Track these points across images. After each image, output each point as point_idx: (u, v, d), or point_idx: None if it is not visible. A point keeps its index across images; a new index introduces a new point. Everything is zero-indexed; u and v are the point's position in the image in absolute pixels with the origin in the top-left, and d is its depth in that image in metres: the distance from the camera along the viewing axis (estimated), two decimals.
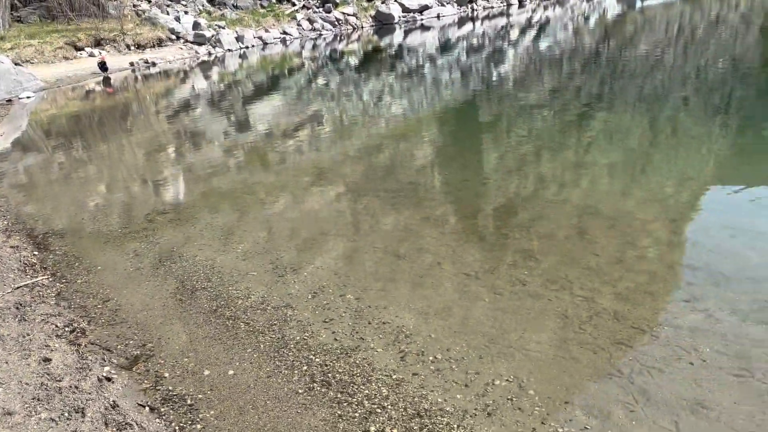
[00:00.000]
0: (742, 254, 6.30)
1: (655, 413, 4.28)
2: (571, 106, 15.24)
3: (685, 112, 14.28)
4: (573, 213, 7.77)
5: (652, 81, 18.26)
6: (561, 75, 19.90)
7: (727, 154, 10.63)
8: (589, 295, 5.76)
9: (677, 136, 12.08)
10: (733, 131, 12.33)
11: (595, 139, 12.01)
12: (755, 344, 4.92)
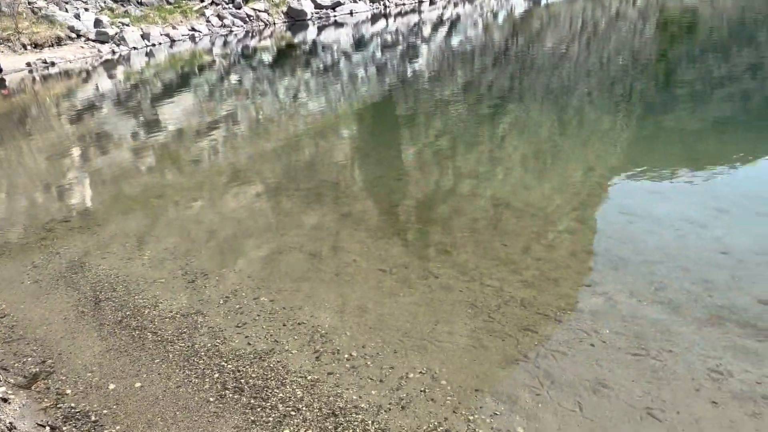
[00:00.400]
0: (639, 239, 6.68)
1: (560, 395, 4.47)
2: (484, 100, 15.66)
3: (589, 104, 14.97)
4: (485, 206, 7.98)
5: (559, 75, 19.03)
6: (473, 70, 20.39)
7: (630, 144, 11.24)
8: (498, 284, 5.94)
9: (583, 128, 12.66)
10: (635, 122, 13.05)
11: (508, 132, 12.39)
12: (651, 324, 5.23)
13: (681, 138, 11.09)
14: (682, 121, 12.50)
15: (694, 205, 7.46)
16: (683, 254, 6.27)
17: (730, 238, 6.51)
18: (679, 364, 4.71)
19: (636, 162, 9.98)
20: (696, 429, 4.09)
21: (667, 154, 10.11)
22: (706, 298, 5.51)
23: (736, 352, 4.81)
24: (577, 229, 7.18)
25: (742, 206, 7.30)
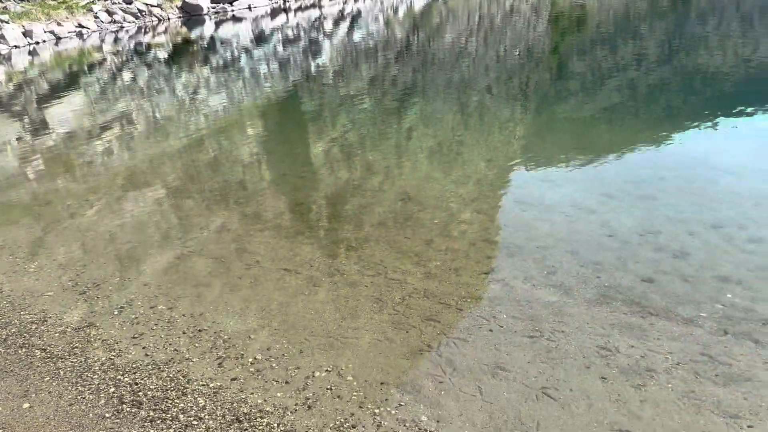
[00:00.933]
0: (532, 226, 6.99)
1: (461, 381, 4.60)
2: (389, 95, 15.82)
3: (489, 97, 15.48)
4: (390, 200, 8.08)
5: (460, 69, 19.53)
6: (377, 65, 20.54)
7: (527, 135, 11.73)
8: (402, 277, 6.03)
9: (484, 120, 13.08)
10: (531, 113, 13.63)
11: (414, 126, 12.59)
12: (544, 306, 5.48)
13: (573, 127, 11.70)
14: (575, 111, 13.20)
15: (583, 191, 7.90)
16: (573, 238, 6.62)
17: (615, 222, 6.95)
18: (571, 343, 4.98)
19: (532, 152, 10.43)
20: (587, 404, 4.33)
21: (560, 143, 10.63)
22: (595, 279, 5.85)
23: (623, 328, 5.14)
24: (477, 219, 7.41)
25: (627, 191, 7.81)
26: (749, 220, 6.74)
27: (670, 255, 6.18)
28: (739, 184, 7.76)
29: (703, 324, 5.11)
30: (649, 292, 5.60)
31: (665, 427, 4.06)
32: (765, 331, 4.96)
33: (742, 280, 5.66)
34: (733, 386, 4.40)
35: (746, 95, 13.74)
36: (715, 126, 10.74)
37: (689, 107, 13.16)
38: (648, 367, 4.65)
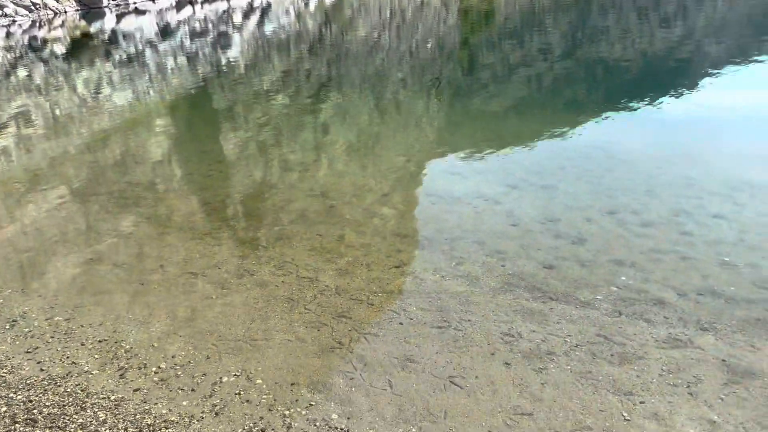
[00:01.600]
0: (441, 218, 7.14)
1: (371, 376, 4.64)
2: (304, 89, 15.67)
3: (404, 90, 15.64)
4: (302, 197, 8.01)
5: (374, 63, 19.62)
6: (290, 59, 20.29)
7: (440, 128, 11.94)
8: (313, 275, 6.00)
9: (400, 113, 13.21)
10: (445, 106, 13.89)
11: (330, 120, 12.54)
12: (452, 297, 5.61)
13: (484, 119, 12.03)
14: (486, 104, 13.55)
15: (489, 183, 8.14)
16: (479, 229, 6.81)
17: (519, 211, 7.20)
18: (477, 331, 5.12)
19: (445, 144, 10.63)
20: (491, 390, 4.47)
21: (472, 135, 10.89)
22: (500, 268, 6.05)
23: (525, 314, 5.34)
24: (389, 214, 7.48)
25: (530, 181, 8.11)
26: (641, 206, 7.16)
27: (569, 241, 6.48)
28: (633, 172, 8.23)
29: (600, 306, 5.39)
30: (550, 278, 5.85)
31: (564, 408, 4.26)
32: (656, 311, 5.28)
33: (635, 263, 6.01)
34: (626, 365, 4.66)
35: (642, 86, 14.57)
36: (614, 116, 11.33)
37: (591, 98, 13.81)
38: (548, 351, 4.86)
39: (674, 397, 4.29)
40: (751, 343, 4.79)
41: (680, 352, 4.75)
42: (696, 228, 6.55)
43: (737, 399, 4.24)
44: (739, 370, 4.51)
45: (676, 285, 5.60)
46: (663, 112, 11.41)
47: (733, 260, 5.89)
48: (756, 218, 6.66)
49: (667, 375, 4.51)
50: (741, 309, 5.20)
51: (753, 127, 10.06)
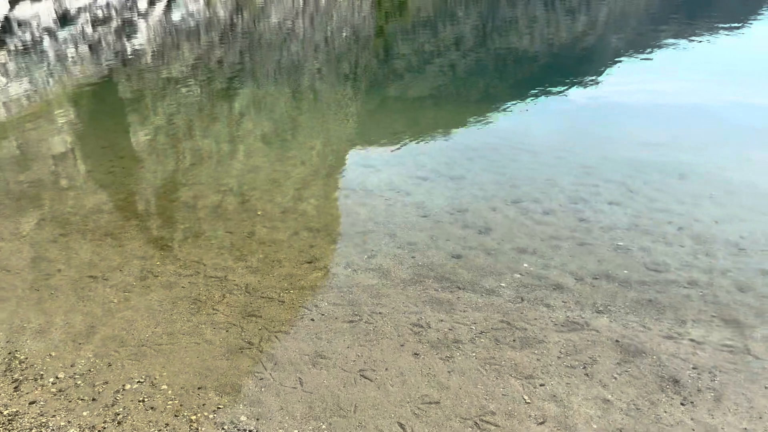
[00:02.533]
0: (354, 211, 7.17)
1: (282, 375, 4.62)
2: (217, 78, 15.23)
3: (320, 80, 15.52)
4: (211, 193, 7.82)
5: (288, 51, 19.33)
6: (201, 47, 19.66)
7: (359, 118, 11.95)
8: (222, 274, 5.89)
9: (318, 103, 13.10)
10: (362, 96, 13.90)
11: (246, 110, 12.26)
12: (363, 290, 5.66)
13: (401, 110, 12.15)
14: (401, 94, 13.68)
15: (401, 174, 8.24)
16: (391, 221, 6.90)
17: (429, 203, 7.35)
18: (388, 324, 5.20)
19: (361, 135, 10.66)
20: (401, 381, 4.56)
21: (387, 125, 10.98)
22: (410, 260, 6.15)
23: (434, 304, 5.46)
24: (301, 208, 7.43)
25: (440, 172, 8.28)
26: (543, 195, 7.47)
27: (475, 231, 6.67)
28: (536, 162, 8.56)
29: (503, 293, 5.60)
30: (458, 268, 6.01)
31: (470, 394, 4.41)
32: (555, 296, 5.54)
33: (536, 250, 6.27)
34: (528, 349, 4.88)
35: (549, 76, 15.14)
36: (521, 106, 11.72)
37: (501, 88, 14.21)
38: (455, 339, 5.00)
39: (571, 379, 4.53)
40: (643, 323, 5.12)
41: (577, 334, 5.01)
42: (592, 215, 6.91)
43: (629, 377, 4.52)
44: (631, 349, 4.81)
45: (574, 270, 5.89)
46: (566, 101, 11.92)
47: (627, 244, 6.27)
48: (647, 204, 7.10)
49: (565, 357, 4.75)
50: (633, 291, 5.55)
51: (648, 115, 10.68)
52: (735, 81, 12.90)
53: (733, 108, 10.82)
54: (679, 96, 11.77)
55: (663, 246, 6.19)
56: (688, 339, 4.88)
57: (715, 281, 5.58)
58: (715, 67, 14.35)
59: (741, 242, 6.18)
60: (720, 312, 5.18)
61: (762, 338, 4.83)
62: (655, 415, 4.14)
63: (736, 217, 6.66)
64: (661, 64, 15.12)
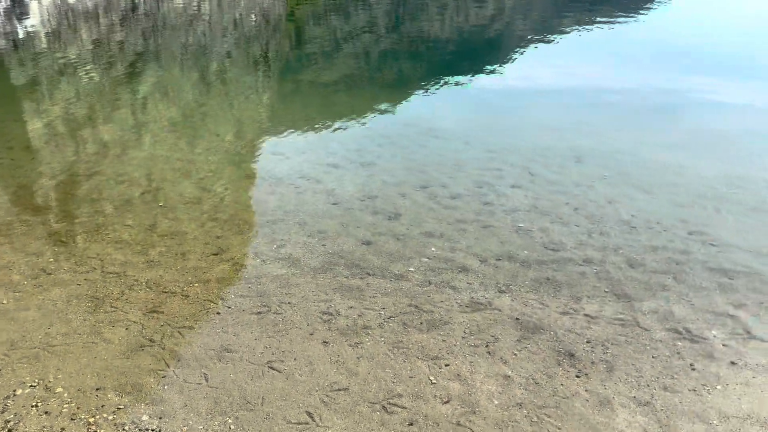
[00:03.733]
0: (262, 200, 7.06)
1: (186, 371, 4.50)
2: (118, 62, 14.48)
3: (230, 63, 15.08)
4: (110, 184, 7.46)
5: (195, 34, 18.64)
6: (100, 29, 18.61)
7: (269, 103, 11.71)
8: (120, 270, 5.65)
9: (228, 87, 12.73)
10: (274, 80, 13.63)
11: (150, 96, 11.74)
12: (272, 280, 5.60)
13: (313, 95, 12.02)
14: (314, 79, 13.50)
15: (311, 162, 8.18)
16: (300, 210, 6.84)
17: (339, 190, 7.34)
18: (297, 313, 5.17)
19: (271, 122, 10.47)
20: (310, 370, 4.56)
21: (299, 112, 10.84)
22: (320, 248, 6.13)
23: (344, 292, 5.48)
24: (207, 198, 7.22)
25: (350, 159, 8.28)
26: (450, 180, 7.63)
27: (385, 217, 6.74)
28: (444, 147, 8.73)
29: (412, 277, 5.70)
30: (368, 254, 6.05)
31: (378, 379, 4.47)
32: (461, 278, 5.69)
33: (443, 234, 6.41)
34: (434, 331, 4.99)
35: (458, 61, 15.42)
36: (431, 91, 11.89)
37: (412, 74, 14.34)
38: (364, 325, 5.05)
39: (475, 357, 4.68)
40: (541, 300, 5.36)
41: (481, 314, 5.18)
42: (496, 198, 7.13)
43: (528, 353, 4.73)
44: (530, 326, 5.03)
45: (479, 252, 6.08)
46: (475, 87, 12.20)
47: (527, 226, 6.52)
48: (547, 186, 7.41)
49: (469, 337, 4.90)
50: (533, 270, 5.79)
51: (551, 100, 11.11)
52: (631, 66, 13.63)
53: (629, 92, 11.44)
54: (579, 81, 12.31)
55: (560, 226, 6.49)
56: (582, 314, 5.15)
57: (608, 258, 5.92)
58: (614, 53, 15.11)
59: (632, 220, 6.57)
60: (612, 287, 5.50)
61: (650, 311, 5.18)
62: (552, 388, 4.36)
63: (627, 197, 7.08)
64: (564, 49, 15.75)
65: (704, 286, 5.47)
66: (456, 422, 4.06)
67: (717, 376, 4.43)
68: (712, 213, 6.67)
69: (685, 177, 7.53)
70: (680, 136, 9.00)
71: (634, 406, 4.17)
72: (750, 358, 4.60)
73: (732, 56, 14.56)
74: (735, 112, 10.11)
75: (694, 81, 11.99)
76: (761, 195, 7.04)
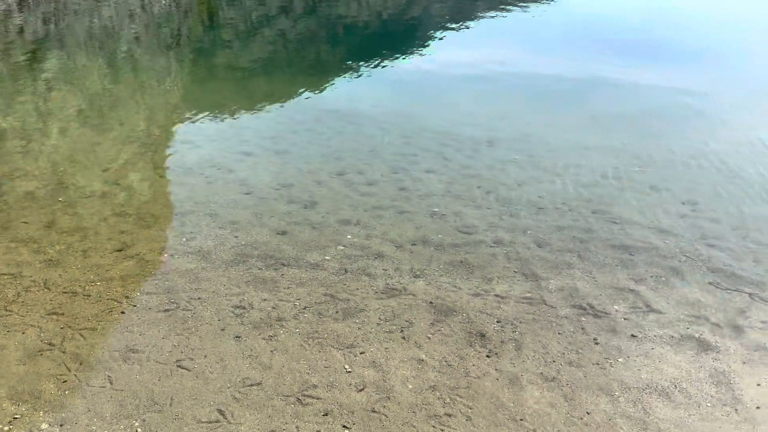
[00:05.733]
0: (169, 192, 6.80)
1: (89, 374, 4.29)
2: (18, 47, 13.52)
3: (140, 48, 14.40)
4: (8, 177, 6.97)
5: (100, 18, 17.67)
6: None
7: (181, 89, 11.28)
8: (16, 270, 5.30)
9: (138, 73, 12.15)
10: (188, 63, 13.12)
11: (55, 82, 11.04)
12: (181, 275, 5.41)
13: (227, 80, 11.73)
14: (229, 63, 13.12)
15: (223, 150, 7.96)
16: (212, 201, 6.64)
17: (253, 179, 7.17)
18: (207, 309, 5.02)
19: (182, 109, 10.09)
20: (221, 367, 4.44)
21: (212, 98, 10.50)
22: (232, 239, 5.98)
23: (257, 284, 5.37)
24: (109, 191, 6.88)
25: (264, 147, 8.11)
26: (366, 166, 7.62)
27: (301, 206, 6.65)
28: (360, 133, 8.70)
29: (328, 266, 5.66)
30: (283, 244, 5.96)
31: (292, 371, 4.41)
32: (376, 265, 5.70)
33: (359, 221, 6.40)
34: (350, 320, 4.98)
35: (376, 45, 15.39)
36: (348, 76, 11.81)
37: (330, 58, 14.19)
38: (279, 317, 4.97)
39: (390, 343, 4.71)
40: (454, 283, 5.45)
41: (396, 300, 5.21)
42: (412, 183, 7.18)
43: (442, 336, 4.80)
44: (443, 309, 5.11)
45: (394, 238, 6.11)
46: (391, 71, 12.20)
47: (441, 210, 6.61)
48: (460, 170, 7.52)
49: (384, 323, 4.93)
50: (447, 254, 5.87)
51: (465, 85, 11.27)
52: (542, 50, 14.02)
53: (540, 76, 11.77)
54: (493, 65, 12.52)
55: (473, 209, 6.62)
56: (493, 295, 5.28)
57: (518, 239, 6.09)
58: (526, 38, 15.48)
59: (540, 202, 6.79)
60: (521, 267, 5.66)
61: (556, 289, 5.37)
62: (464, 369, 4.45)
63: (535, 179, 7.29)
64: (479, 34, 16.00)
65: (607, 262, 5.73)
66: (371, 409, 4.08)
67: (619, 349, 4.66)
68: (613, 192, 6.98)
69: (590, 158, 7.84)
70: (586, 118, 9.35)
71: (541, 382, 4.33)
72: (649, 331, 4.86)
73: (637, 39, 15.23)
74: (638, 93, 10.59)
75: (601, 64, 12.47)
76: (660, 173, 7.43)
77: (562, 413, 4.06)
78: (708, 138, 8.41)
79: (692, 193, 6.92)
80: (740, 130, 8.65)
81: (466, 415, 4.04)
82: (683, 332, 4.82)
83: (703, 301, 5.20)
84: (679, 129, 8.74)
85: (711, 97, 10.03)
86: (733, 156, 7.84)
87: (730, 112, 9.34)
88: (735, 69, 12.03)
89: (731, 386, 4.29)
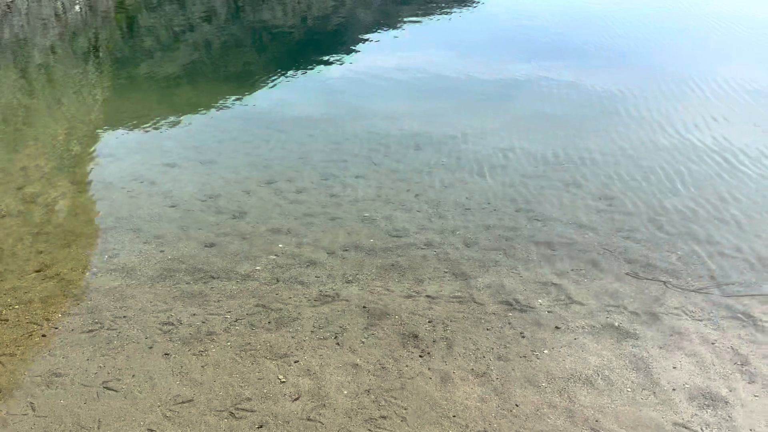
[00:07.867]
0: (90, 208, 6.57)
1: (9, 403, 4.10)
2: None
3: (55, 58, 13.80)
4: None
5: (11, 28, 16.81)
6: None
7: (105, 97, 10.88)
8: None
9: (55, 84, 11.63)
10: (107, 73, 12.65)
11: None
12: (104, 294, 5.25)
13: (148, 90, 11.35)
14: (151, 73, 12.74)
15: (145, 163, 7.74)
16: (135, 215, 6.46)
17: (177, 191, 7.02)
18: (134, 327, 4.89)
19: (102, 120, 9.75)
20: (150, 386, 4.32)
21: (132, 108, 10.16)
22: (158, 254, 5.84)
23: (186, 298, 5.27)
24: (25, 209, 6.58)
25: (189, 157, 7.94)
26: (296, 173, 7.59)
27: (229, 216, 6.56)
28: (288, 140, 8.65)
29: (259, 277, 5.61)
30: (211, 256, 5.86)
31: (225, 385, 4.35)
32: (308, 272, 5.70)
33: (290, 229, 6.37)
34: (283, 329, 4.95)
35: (302, 52, 15.32)
36: (274, 83, 11.70)
37: (255, 65, 14.00)
38: (209, 331, 4.89)
39: (324, 350, 4.72)
40: (387, 287, 5.52)
41: (329, 306, 5.23)
42: (342, 189, 7.21)
43: (375, 340, 4.86)
44: (376, 313, 5.16)
45: (326, 244, 6.12)
46: (318, 77, 12.19)
47: (372, 215, 6.67)
48: (389, 174, 7.61)
49: (318, 330, 4.93)
50: (378, 258, 5.94)
51: (392, 89, 11.39)
52: (466, 54, 14.33)
53: (465, 79, 12.03)
54: (419, 70, 12.71)
55: (403, 213, 6.71)
56: (425, 296, 5.39)
57: (447, 240, 6.23)
58: (451, 41, 15.79)
59: (467, 203, 6.96)
60: (451, 267, 5.79)
61: (484, 286, 5.53)
62: (398, 371, 4.52)
63: (461, 181, 7.46)
64: (405, 39, 16.20)
65: (531, 258, 5.95)
66: (306, 417, 4.08)
67: (544, 342, 4.85)
68: (535, 191, 7.24)
69: (513, 159, 8.09)
70: (509, 119, 9.63)
71: (473, 378, 4.45)
72: (572, 322, 5.08)
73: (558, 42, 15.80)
74: (558, 93, 10.97)
75: (524, 65, 12.87)
76: (579, 171, 7.76)
77: (492, 407, 4.19)
78: (623, 135, 8.84)
79: (608, 189, 7.27)
80: (654, 126, 9.13)
81: (401, 416, 4.11)
82: (603, 322, 5.07)
83: (621, 291, 5.47)
84: (596, 127, 9.14)
85: (627, 95, 10.53)
86: (647, 152, 8.28)
87: (645, 109, 9.83)
88: (651, 69, 12.65)
89: (649, 371, 4.54)
